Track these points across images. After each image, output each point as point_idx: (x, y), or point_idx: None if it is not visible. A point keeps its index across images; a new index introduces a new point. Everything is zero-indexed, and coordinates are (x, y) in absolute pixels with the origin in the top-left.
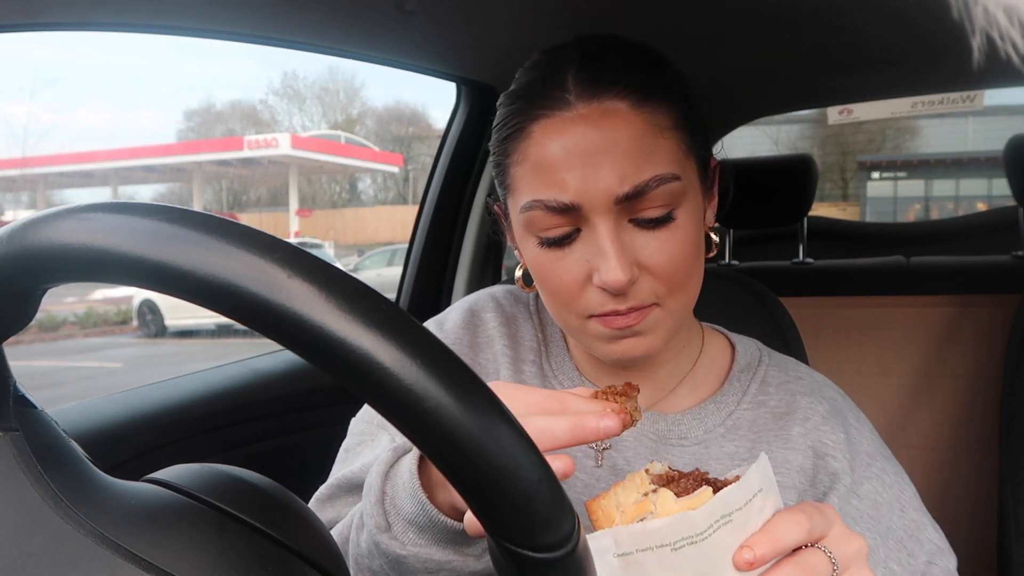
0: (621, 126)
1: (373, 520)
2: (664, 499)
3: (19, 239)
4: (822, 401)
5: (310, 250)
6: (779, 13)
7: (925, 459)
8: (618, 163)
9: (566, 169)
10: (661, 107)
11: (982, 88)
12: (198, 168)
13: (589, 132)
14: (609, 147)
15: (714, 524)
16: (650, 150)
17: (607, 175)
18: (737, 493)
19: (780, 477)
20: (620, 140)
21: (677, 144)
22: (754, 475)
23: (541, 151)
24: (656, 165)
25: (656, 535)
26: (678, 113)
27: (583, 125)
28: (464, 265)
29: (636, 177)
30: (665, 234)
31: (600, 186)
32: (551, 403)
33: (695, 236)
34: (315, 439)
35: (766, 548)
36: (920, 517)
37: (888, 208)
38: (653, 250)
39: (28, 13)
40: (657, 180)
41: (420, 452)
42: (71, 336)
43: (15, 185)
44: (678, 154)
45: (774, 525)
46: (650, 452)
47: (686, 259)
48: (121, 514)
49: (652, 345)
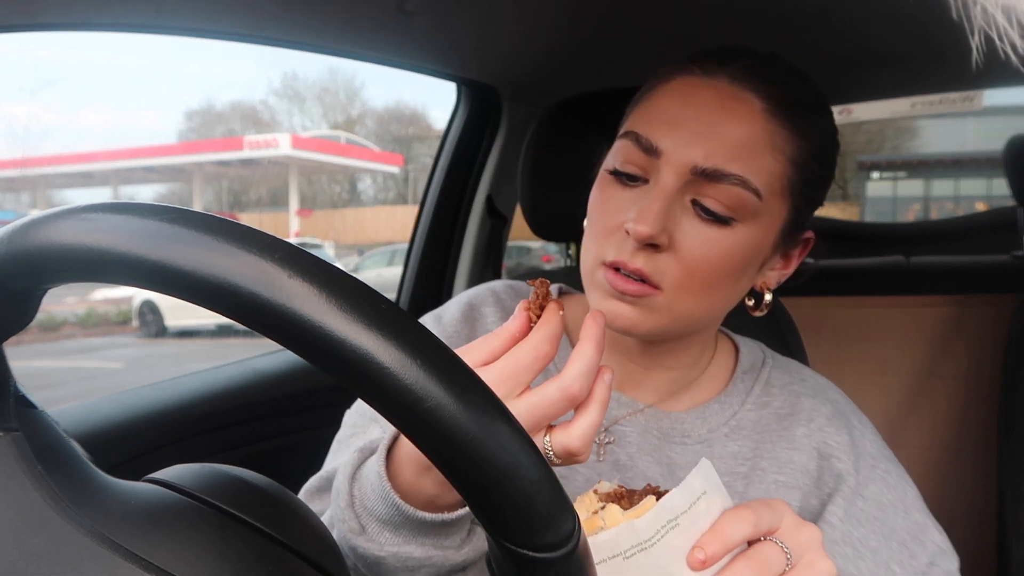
0: (743, 115)
1: (346, 525)
2: (611, 513)
3: (19, 239)
4: (826, 403)
5: (310, 250)
6: (779, 13)
7: (925, 459)
8: (716, 142)
9: (672, 122)
10: (790, 132)
11: (982, 88)
12: (198, 168)
13: (712, 103)
14: (719, 125)
15: (660, 530)
16: (752, 154)
17: (700, 145)
18: (679, 498)
19: (785, 478)
20: (732, 126)
21: (781, 173)
22: (695, 479)
23: (666, 98)
24: (747, 168)
25: (606, 547)
26: (802, 153)
27: (712, 94)
28: (464, 265)
29: (722, 163)
30: (713, 232)
31: (687, 149)
32: (487, 347)
33: (739, 260)
34: (315, 439)
35: (716, 546)
36: (923, 519)
37: (888, 208)
38: (692, 236)
39: (28, 13)
40: (739, 180)
41: (387, 451)
42: (71, 336)
43: (15, 185)
44: (775, 181)
45: (721, 523)
46: (653, 448)
47: (716, 267)
48: (121, 514)
49: (637, 324)
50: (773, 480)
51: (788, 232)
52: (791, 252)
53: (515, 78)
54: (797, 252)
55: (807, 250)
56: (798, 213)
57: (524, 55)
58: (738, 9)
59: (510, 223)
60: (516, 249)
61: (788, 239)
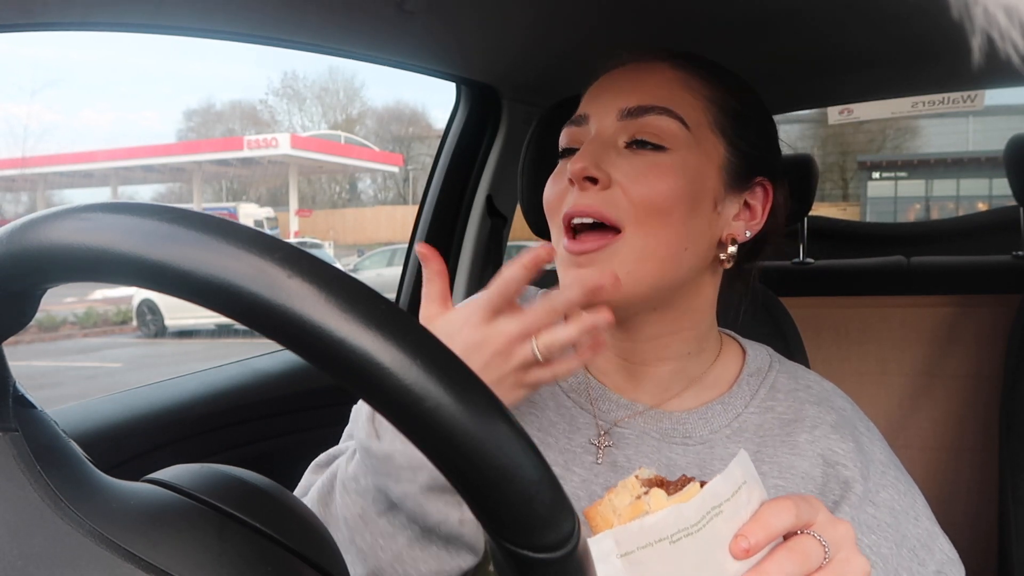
0: (654, 73)
1: (364, 432)
2: (657, 498)
3: (19, 239)
4: (831, 411)
5: (310, 250)
6: (779, 13)
7: (925, 459)
8: (636, 91)
9: (594, 94)
10: (702, 79)
11: (982, 88)
12: (198, 168)
13: (628, 76)
14: (636, 80)
15: (706, 516)
16: (672, 94)
17: (623, 96)
18: (723, 485)
19: (785, 483)
20: (648, 77)
21: (704, 108)
22: (736, 468)
23: (590, 90)
24: (670, 103)
25: (653, 531)
26: (720, 94)
27: (626, 72)
28: (464, 265)
29: (645, 100)
30: (650, 159)
31: (611, 103)
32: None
33: (685, 188)
34: (315, 439)
35: (759, 535)
36: (932, 527)
37: (888, 208)
38: (632, 167)
39: (28, 13)
40: (663, 109)
41: None
42: (71, 336)
43: (15, 185)
44: (699, 116)
45: (763, 513)
46: (652, 450)
47: (663, 193)
48: (121, 514)
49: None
50: (773, 485)
51: (735, 172)
52: (752, 201)
53: (515, 78)
54: (760, 200)
55: (770, 198)
56: (739, 153)
57: (524, 55)
58: (738, 9)
59: (510, 223)
60: (516, 249)
61: (738, 180)
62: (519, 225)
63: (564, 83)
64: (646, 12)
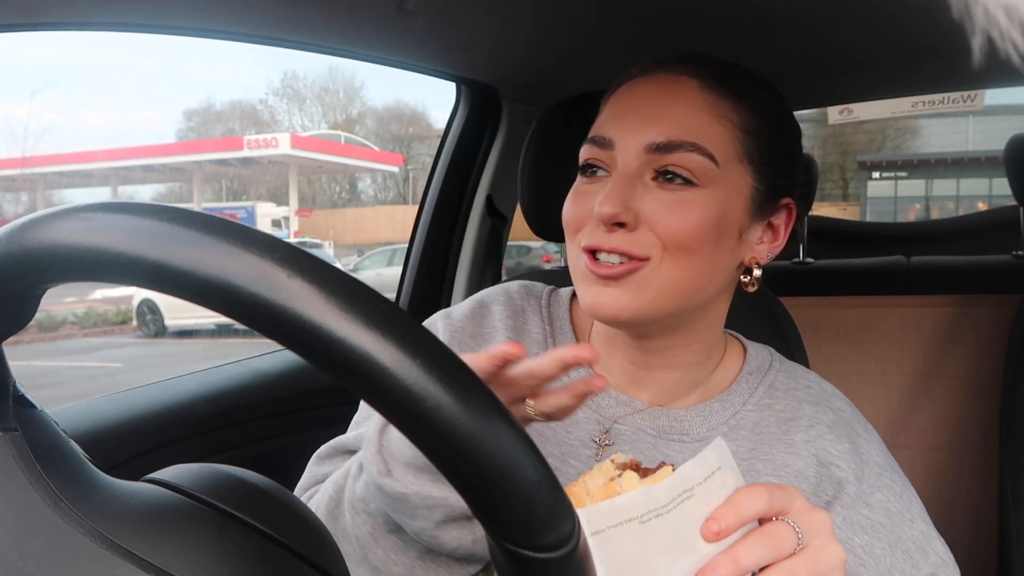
0: (683, 95)
1: (375, 467)
2: (629, 479)
3: (18, 239)
4: (828, 411)
5: (310, 250)
6: (778, 14)
7: (925, 459)
8: (663, 121)
9: (619, 115)
10: (732, 102)
11: (982, 88)
12: (198, 168)
13: (653, 91)
14: (662, 106)
15: (677, 498)
16: (699, 125)
17: (649, 126)
18: (696, 468)
19: (778, 480)
20: (675, 105)
21: (733, 139)
22: (710, 453)
23: (612, 101)
24: (698, 137)
25: (623, 510)
26: (750, 120)
27: (652, 85)
28: (464, 265)
29: (674, 134)
30: (678, 196)
31: (637, 134)
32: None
33: (712, 223)
34: (315, 439)
35: (730, 519)
36: (928, 530)
37: (888, 208)
38: (659, 205)
39: (28, 13)
40: (692, 146)
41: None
42: (71, 336)
43: (15, 185)
44: (728, 147)
45: (736, 498)
46: (648, 447)
47: (690, 228)
48: (121, 514)
49: (622, 309)
50: (766, 482)
51: (761, 200)
52: (775, 222)
53: (515, 78)
54: (782, 221)
55: (792, 218)
56: (765, 180)
57: (524, 55)
58: (738, 9)
59: (510, 223)
60: (516, 249)
61: (763, 207)
62: (519, 225)
63: (564, 83)
64: (646, 13)
